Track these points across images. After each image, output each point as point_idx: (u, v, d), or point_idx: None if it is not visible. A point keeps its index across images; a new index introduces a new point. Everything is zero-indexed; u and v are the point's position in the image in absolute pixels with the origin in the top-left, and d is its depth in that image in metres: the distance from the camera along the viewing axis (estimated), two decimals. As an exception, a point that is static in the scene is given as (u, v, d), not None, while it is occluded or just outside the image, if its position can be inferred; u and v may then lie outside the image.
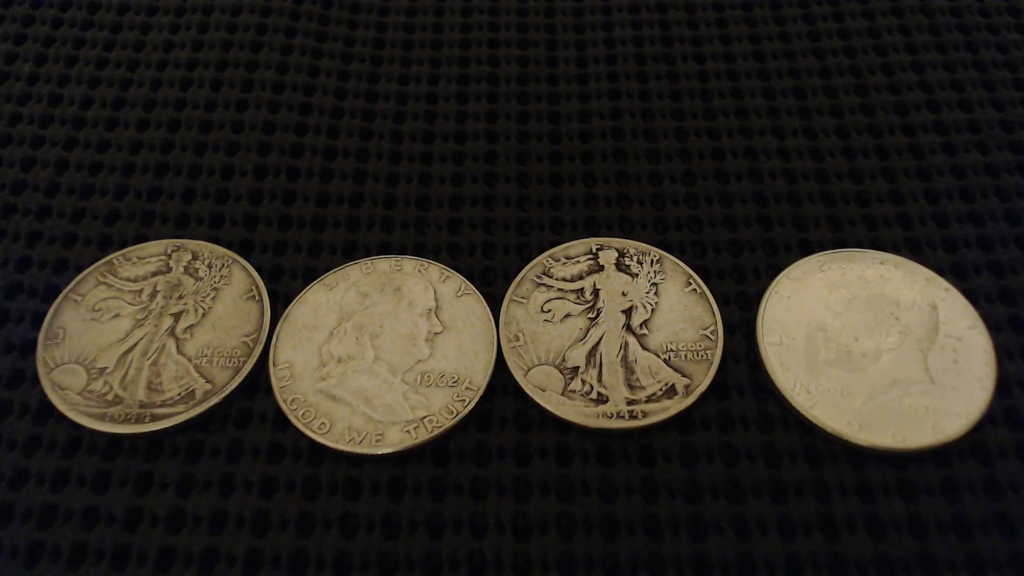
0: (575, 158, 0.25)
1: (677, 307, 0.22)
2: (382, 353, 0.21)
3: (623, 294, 0.22)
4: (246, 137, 0.26)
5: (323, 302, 0.22)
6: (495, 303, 0.22)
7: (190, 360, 0.21)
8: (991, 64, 0.27)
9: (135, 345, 0.21)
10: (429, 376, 0.21)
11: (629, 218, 0.24)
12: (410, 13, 0.29)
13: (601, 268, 0.23)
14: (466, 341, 0.21)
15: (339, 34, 0.28)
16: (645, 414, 0.20)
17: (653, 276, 0.23)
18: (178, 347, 0.21)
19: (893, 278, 0.22)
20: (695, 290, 0.22)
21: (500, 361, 0.21)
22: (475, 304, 0.22)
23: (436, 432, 0.20)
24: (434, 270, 0.23)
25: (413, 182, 0.25)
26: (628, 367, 0.21)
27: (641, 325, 0.22)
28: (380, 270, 0.23)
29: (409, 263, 0.23)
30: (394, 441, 0.20)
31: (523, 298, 0.22)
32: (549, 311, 0.22)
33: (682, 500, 0.19)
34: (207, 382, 0.21)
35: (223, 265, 0.23)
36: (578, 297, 0.22)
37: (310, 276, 0.23)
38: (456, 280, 0.23)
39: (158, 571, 0.18)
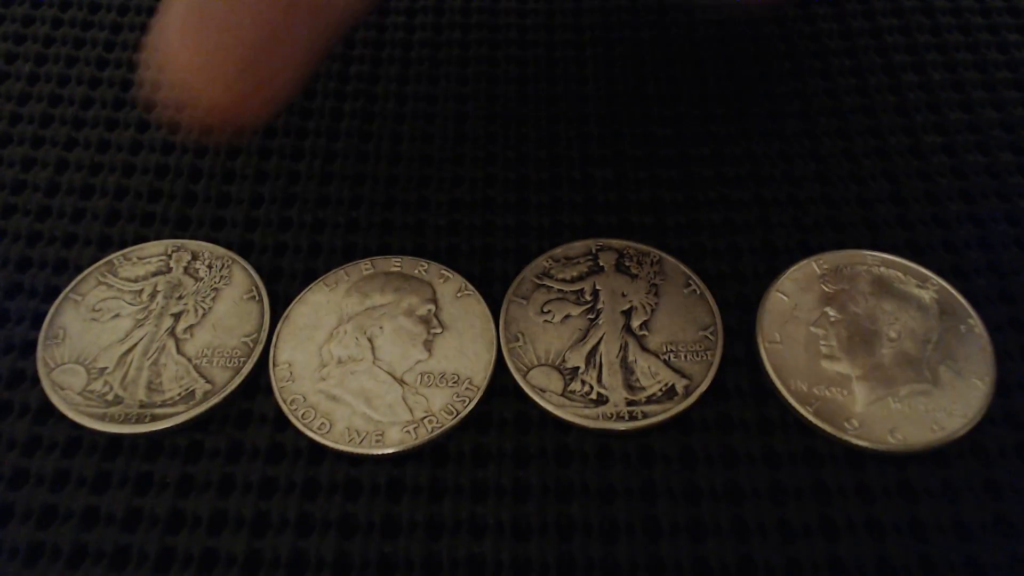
0: (574, 160, 0.25)
1: (677, 308, 0.22)
2: (382, 353, 0.21)
3: (623, 295, 0.22)
4: (246, 139, 0.26)
5: (323, 303, 0.22)
6: (495, 304, 0.22)
7: (190, 360, 0.21)
8: (992, 65, 0.27)
9: (135, 345, 0.21)
10: (429, 376, 0.21)
11: (628, 220, 0.24)
12: (410, 14, 0.29)
13: (601, 269, 0.23)
14: (466, 342, 0.21)
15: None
16: (645, 415, 0.20)
17: (653, 277, 0.23)
18: (178, 347, 0.21)
19: (893, 279, 0.22)
20: (695, 291, 0.22)
21: (500, 361, 0.21)
22: (475, 305, 0.22)
23: (436, 432, 0.20)
24: (434, 271, 0.23)
25: (412, 184, 0.25)
26: (628, 368, 0.21)
27: (641, 326, 0.22)
28: (380, 271, 0.23)
29: (409, 264, 0.23)
30: (394, 441, 0.20)
31: (523, 299, 0.22)
32: (549, 312, 0.22)
33: (682, 501, 0.19)
34: (207, 382, 0.21)
35: (223, 265, 0.23)
36: (578, 298, 0.22)
37: (310, 277, 0.23)
38: (456, 281, 0.23)
39: (158, 571, 0.18)
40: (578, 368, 0.21)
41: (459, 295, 0.22)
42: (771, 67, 0.27)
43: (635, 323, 0.22)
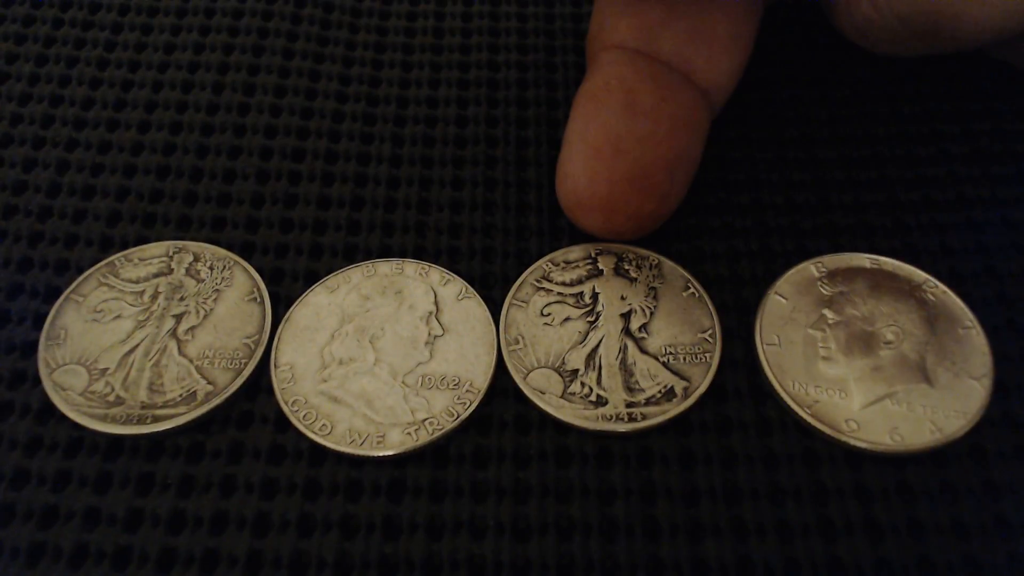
0: (575, 162, 0.25)
1: (675, 311, 0.22)
2: (383, 355, 0.21)
3: (622, 298, 0.22)
4: (248, 140, 0.26)
5: (324, 304, 0.22)
6: (495, 307, 0.22)
7: (191, 361, 0.21)
8: (987, 72, 0.27)
9: (137, 346, 0.21)
10: (430, 379, 0.21)
11: (628, 223, 0.24)
12: (411, 17, 0.29)
13: (600, 273, 0.23)
14: (467, 344, 0.22)
15: (340, 38, 0.28)
16: (644, 416, 0.20)
17: (651, 280, 0.23)
18: (180, 348, 0.21)
19: (890, 281, 0.22)
20: (693, 294, 0.22)
21: (500, 364, 0.21)
22: (476, 308, 0.22)
23: (437, 434, 0.20)
24: (435, 274, 0.23)
25: (414, 186, 0.25)
26: (627, 370, 0.21)
27: (640, 329, 0.22)
28: (381, 273, 0.23)
29: (410, 266, 0.23)
30: (395, 443, 0.20)
31: (523, 302, 0.22)
32: (549, 315, 0.22)
33: (680, 502, 0.19)
34: (208, 383, 0.21)
35: (225, 267, 0.23)
36: (577, 301, 0.22)
37: (311, 278, 0.23)
38: (457, 284, 0.23)
39: (159, 572, 0.18)
40: (578, 370, 0.21)
41: (460, 298, 0.22)
42: (769, 74, 0.27)
43: (634, 326, 0.22)
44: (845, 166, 0.25)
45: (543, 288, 0.23)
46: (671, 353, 0.21)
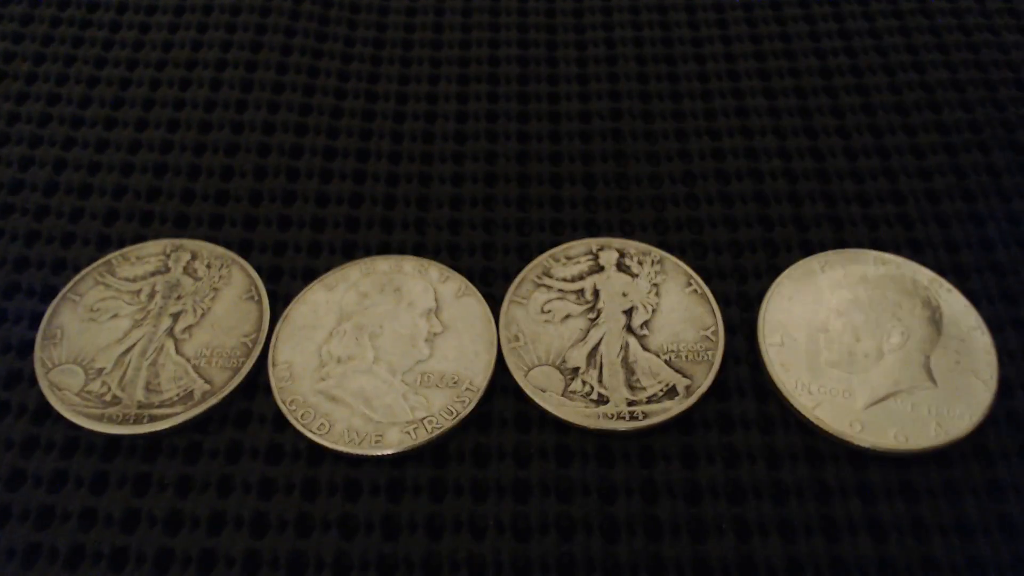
0: (575, 159, 0.25)
1: (678, 308, 0.22)
2: (382, 353, 0.21)
3: (624, 295, 0.22)
4: (246, 137, 0.25)
5: (322, 302, 0.22)
6: (495, 304, 0.22)
7: (188, 360, 0.21)
8: (991, 64, 0.27)
9: (133, 345, 0.21)
10: (429, 377, 0.21)
11: (629, 220, 0.24)
12: (410, 13, 0.29)
13: (601, 269, 0.23)
14: (466, 342, 0.21)
15: (339, 34, 0.28)
16: (646, 415, 0.20)
17: (654, 276, 0.23)
18: (177, 347, 0.21)
19: (895, 278, 0.22)
20: (696, 291, 0.22)
21: (500, 362, 0.21)
22: (475, 305, 0.22)
23: (436, 433, 0.20)
24: (434, 270, 0.23)
25: (413, 182, 0.25)
26: (629, 368, 0.21)
27: (642, 326, 0.22)
28: (380, 270, 0.23)
29: (409, 263, 0.23)
30: (394, 442, 0.20)
31: (523, 299, 0.22)
32: (549, 312, 0.22)
33: (682, 501, 0.19)
34: (206, 383, 0.21)
35: (222, 265, 0.23)
36: (578, 298, 0.22)
37: (309, 276, 0.23)
38: (456, 280, 0.23)
39: (156, 572, 0.18)
40: (579, 368, 0.21)
41: (459, 295, 0.22)
42: (771, 65, 0.27)
43: (636, 323, 0.22)
44: (848, 157, 0.25)
45: (543, 284, 0.22)
46: (673, 351, 0.21)
